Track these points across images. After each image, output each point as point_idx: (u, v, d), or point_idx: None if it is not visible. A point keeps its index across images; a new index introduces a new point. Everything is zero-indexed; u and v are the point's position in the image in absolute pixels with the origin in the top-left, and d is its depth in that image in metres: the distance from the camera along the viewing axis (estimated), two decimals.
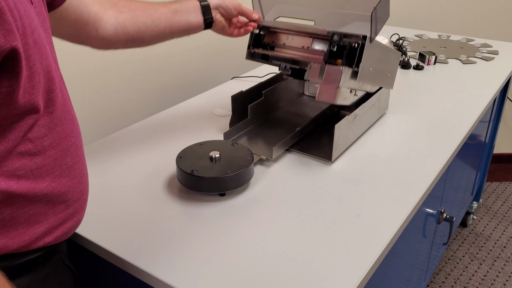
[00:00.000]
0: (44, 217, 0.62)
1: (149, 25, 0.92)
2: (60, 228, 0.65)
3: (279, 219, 0.85)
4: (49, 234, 0.64)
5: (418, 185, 0.95)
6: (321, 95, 1.00)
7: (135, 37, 0.91)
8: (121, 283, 0.84)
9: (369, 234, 0.81)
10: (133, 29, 0.90)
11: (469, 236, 2.05)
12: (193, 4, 0.97)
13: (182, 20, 0.95)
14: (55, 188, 0.62)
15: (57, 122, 0.61)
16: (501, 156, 2.53)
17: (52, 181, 0.61)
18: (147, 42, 0.94)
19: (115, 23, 0.88)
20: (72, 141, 0.64)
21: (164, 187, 0.94)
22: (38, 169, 0.59)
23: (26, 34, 0.52)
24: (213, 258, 0.75)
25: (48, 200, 0.62)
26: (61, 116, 0.61)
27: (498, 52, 1.75)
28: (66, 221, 0.66)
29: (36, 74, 0.55)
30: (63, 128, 0.62)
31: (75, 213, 0.67)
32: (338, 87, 0.97)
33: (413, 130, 1.17)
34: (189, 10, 0.96)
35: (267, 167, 1.01)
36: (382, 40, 1.69)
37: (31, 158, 0.58)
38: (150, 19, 0.91)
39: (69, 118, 0.64)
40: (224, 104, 1.30)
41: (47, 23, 0.63)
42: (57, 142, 0.61)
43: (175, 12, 0.94)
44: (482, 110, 1.29)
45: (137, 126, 1.19)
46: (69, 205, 0.65)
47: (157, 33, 0.93)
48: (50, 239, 0.64)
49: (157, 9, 0.93)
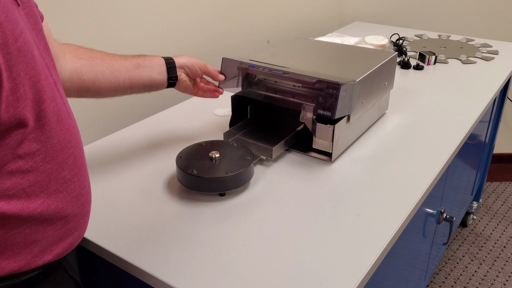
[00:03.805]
0: (41, 235, 0.59)
1: (107, 76, 0.87)
2: (60, 245, 0.62)
3: (279, 219, 0.85)
4: (48, 252, 0.61)
5: (418, 185, 0.95)
6: (318, 146, 1.02)
7: (90, 86, 0.86)
8: (121, 283, 0.84)
9: (369, 234, 0.81)
10: (89, 77, 0.85)
11: (469, 236, 2.05)
12: (158, 61, 0.93)
13: (144, 75, 0.91)
14: (51, 205, 0.58)
15: (51, 134, 0.57)
16: (501, 156, 2.53)
17: (48, 197, 0.58)
18: (103, 94, 0.89)
19: (71, 69, 0.83)
20: (69, 152, 0.60)
21: (164, 187, 0.94)
22: (31, 187, 0.55)
23: (7, 43, 0.48)
24: (213, 258, 0.75)
25: (45, 218, 0.58)
26: (55, 127, 0.57)
27: (498, 52, 1.75)
28: (66, 237, 0.63)
29: (20, 85, 0.50)
30: (58, 140, 0.58)
31: (76, 227, 0.64)
32: (331, 141, 0.99)
33: (413, 130, 1.17)
34: (153, 66, 0.92)
35: (267, 167, 1.01)
36: (382, 41, 1.70)
37: (23, 176, 0.54)
38: (109, 69, 0.87)
39: (65, 128, 0.59)
40: (224, 104, 1.30)
41: (39, 24, 0.60)
42: (52, 155, 0.57)
43: (137, 66, 0.90)
44: (482, 110, 1.29)
45: (137, 126, 1.19)
46: (68, 220, 0.62)
47: (115, 84, 0.88)
48: (50, 257, 0.61)
49: (118, 60, 0.89)
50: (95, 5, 1.17)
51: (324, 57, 1.16)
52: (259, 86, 1.06)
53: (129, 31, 1.28)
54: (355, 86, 0.99)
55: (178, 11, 1.41)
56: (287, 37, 1.91)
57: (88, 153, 1.06)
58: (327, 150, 1.02)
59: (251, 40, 1.74)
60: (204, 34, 1.52)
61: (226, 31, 1.61)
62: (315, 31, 2.07)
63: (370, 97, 1.10)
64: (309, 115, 1.00)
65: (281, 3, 1.83)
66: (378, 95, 1.14)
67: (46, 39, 0.61)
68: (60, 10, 1.10)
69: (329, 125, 0.98)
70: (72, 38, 1.15)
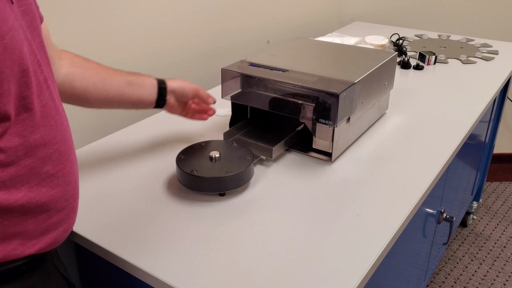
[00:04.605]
0: (22, 228, 0.59)
1: (98, 87, 0.88)
2: (43, 239, 0.62)
3: (279, 219, 0.85)
4: (30, 245, 0.61)
5: (418, 185, 0.95)
6: (318, 146, 1.03)
7: (80, 94, 0.87)
8: (121, 282, 0.84)
9: (369, 234, 0.81)
10: (80, 86, 0.86)
11: (469, 236, 2.05)
12: (150, 82, 0.94)
13: (134, 94, 0.92)
14: (33, 198, 0.58)
15: (34, 129, 0.57)
16: (501, 156, 2.53)
17: (29, 191, 0.58)
18: (91, 104, 0.90)
19: (65, 74, 0.84)
20: (54, 148, 0.60)
21: (164, 187, 0.94)
22: (12, 180, 0.56)
23: None
24: (213, 258, 0.75)
25: (26, 211, 0.58)
26: (39, 123, 0.57)
27: (498, 52, 1.75)
28: (49, 231, 0.63)
29: (4, 82, 0.51)
30: (41, 135, 0.58)
31: (60, 222, 0.64)
32: (331, 141, 1.00)
33: (413, 130, 1.17)
34: (145, 87, 0.93)
35: (267, 167, 1.01)
36: (382, 41, 1.70)
37: (3, 169, 0.55)
38: (101, 82, 0.88)
39: (51, 124, 0.60)
40: (224, 104, 1.30)
41: (36, 22, 0.60)
42: (34, 150, 0.57)
43: (129, 83, 0.91)
44: (482, 110, 1.29)
45: (137, 126, 1.19)
46: (51, 214, 0.62)
47: (104, 97, 0.89)
48: (32, 251, 0.61)
49: (111, 75, 0.90)
50: (95, 5, 1.17)
51: (324, 57, 1.16)
52: (259, 86, 1.06)
53: (129, 31, 1.28)
54: (355, 88, 0.99)
55: (178, 11, 1.41)
56: (287, 37, 1.91)
57: (88, 153, 1.06)
58: (327, 150, 1.02)
59: (251, 40, 1.74)
60: (204, 34, 1.52)
61: (226, 31, 1.61)
62: (315, 31, 2.07)
63: (370, 97, 1.10)
64: (309, 115, 1.01)
65: (281, 3, 1.83)
66: (378, 95, 1.14)
67: (42, 37, 0.61)
68: (60, 10, 1.10)
69: (329, 125, 0.98)
70: (72, 38, 1.15)
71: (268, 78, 1.03)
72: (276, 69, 1.06)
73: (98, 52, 1.22)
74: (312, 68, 1.06)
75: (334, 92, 0.94)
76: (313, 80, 1.00)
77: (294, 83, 0.99)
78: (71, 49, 1.09)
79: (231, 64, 1.10)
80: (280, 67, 1.06)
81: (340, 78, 1.00)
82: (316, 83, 0.98)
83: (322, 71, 1.04)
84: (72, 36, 1.15)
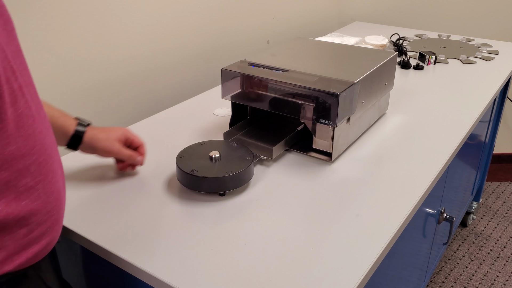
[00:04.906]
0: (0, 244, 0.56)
1: None
2: (23, 254, 0.58)
3: (279, 219, 0.85)
4: (8, 261, 0.57)
5: (418, 185, 0.95)
6: (318, 146, 1.03)
7: None
8: (121, 282, 0.84)
9: (369, 234, 0.81)
10: None
11: (469, 236, 2.05)
12: (71, 122, 0.87)
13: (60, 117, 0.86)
14: (10, 213, 0.55)
15: (8, 141, 0.53)
16: (501, 156, 2.53)
17: (7, 205, 0.54)
18: None
19: None
20: (32, 159, 0.56)
21: (164, 187, 0.94)
22: None
23: None
24: (213, 258, 0.75)
25: (3, 227, 0.55)
26: (14, 134, 0.54)
27: (498, 52, 1.75)
28: (30, 246, 0.59)
29: None
30: (17, 146, 0.54)
31: (42, 235, 0.60)
32: (331, 141, 0.99)
33: (413, 130, 1.17)
34: (71, 122, 0.87)
35: (267, 167, 1.01)
36: (382, 41, 1.70)
37: None
38: None
39: (28, 133, 0.56)
40: (224, 104, 1.30)
41: (10, 25, 0.56)
42: (10, 162, 0.54)
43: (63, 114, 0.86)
44: (482, 110, 1.29)
45: (137, 126, 1.19)
46: (32, 229, 0.58)
47: None
48: (11, 267, 0.57)
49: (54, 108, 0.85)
50: (95, 5, 1.17)
51: (324, 57, 1.16)
52: (259, 86, 1.06)
53: (129, 31, 1.28)
54: (355, 88, 0.99)
55: (178, 11, 1.41)
56: (287, 37, 1.91)
57: None
58: (327, 150, 1.02)
59: (251, 40, 1.74)
60: (204, 34, 1.53)
61: (226, 31, 1.61)
62: (315, 31, 2.07)
63: (370, 97, 1.10)
64: (309, 115, 1.00)
65: (281, 3, 1.83)
66: (378, 95, 1.14)
67: (18, 40, 0.58)
68: (60, 10, 1.10)
69: (329, 125, 0.98)
70: (72, 38, 1.15)
71: (268, 78, 1.03)
72: (276, 69, 1.06)
73: (98, 52, 1.22)
74: (312, 68, 1.06)
75: (334, 92, 0.94)
76: (313, 80, 1.00)
77: (294, 83, 0.99)
78: (71, 49, 1.09)
79: (231, 64, 1.10)
80: (280, 67, 1.06)
81: (340, 78, 1.00)
82: (316, 83, 0.98)
83: (322, 71, 1.04)
84: (72, 36, 1.15)
